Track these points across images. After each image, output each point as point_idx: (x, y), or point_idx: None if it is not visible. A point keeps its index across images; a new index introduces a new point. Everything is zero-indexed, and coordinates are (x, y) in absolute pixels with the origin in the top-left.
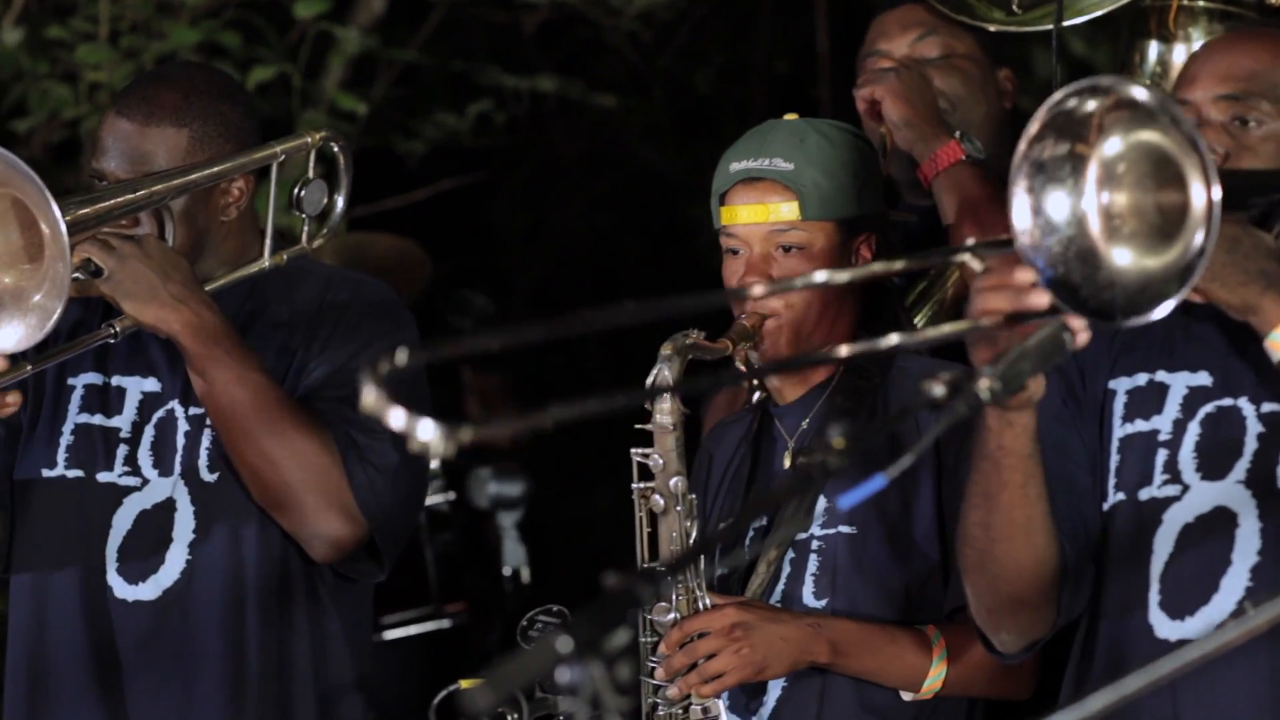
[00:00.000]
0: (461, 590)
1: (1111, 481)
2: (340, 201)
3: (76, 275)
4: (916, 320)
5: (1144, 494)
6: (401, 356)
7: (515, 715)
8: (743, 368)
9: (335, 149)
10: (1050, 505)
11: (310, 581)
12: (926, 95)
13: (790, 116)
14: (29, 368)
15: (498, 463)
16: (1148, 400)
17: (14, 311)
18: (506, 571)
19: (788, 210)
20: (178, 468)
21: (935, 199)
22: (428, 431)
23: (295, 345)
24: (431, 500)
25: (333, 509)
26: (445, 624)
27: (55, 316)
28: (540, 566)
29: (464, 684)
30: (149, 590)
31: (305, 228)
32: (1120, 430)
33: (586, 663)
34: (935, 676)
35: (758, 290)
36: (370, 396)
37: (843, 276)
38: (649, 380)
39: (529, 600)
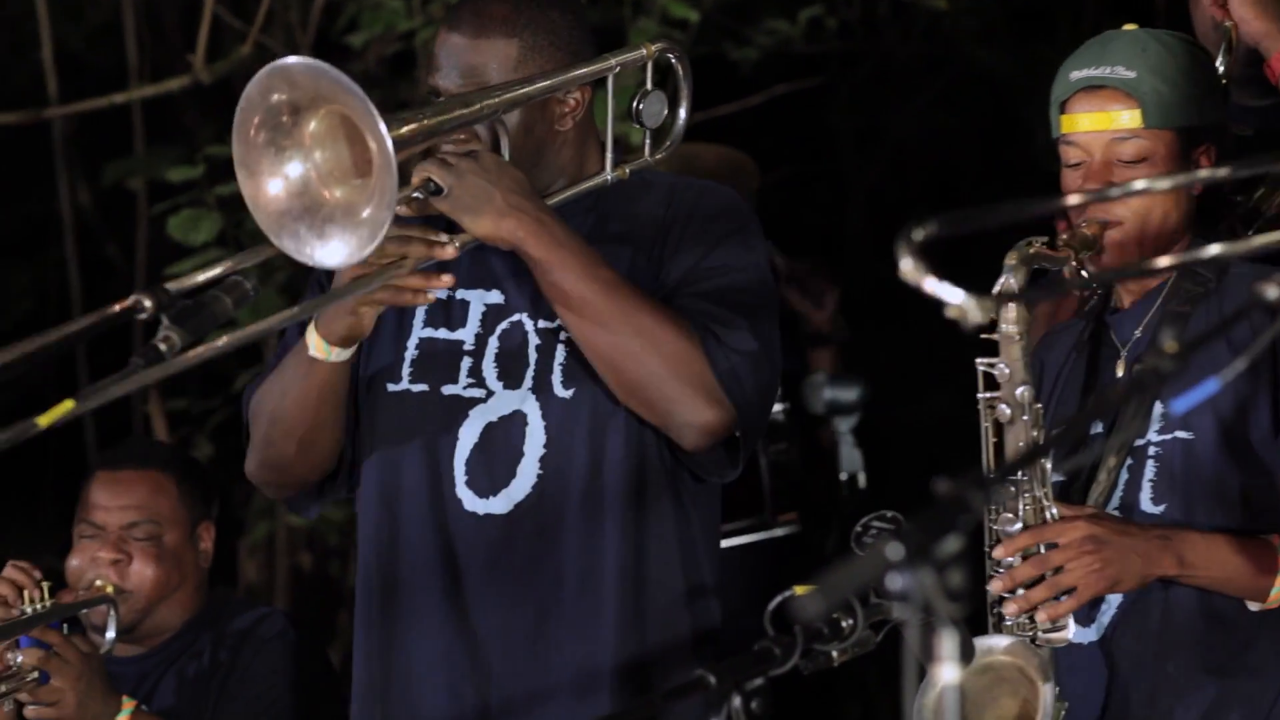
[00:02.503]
0: (795, 499)
1: None
2: (681, 114)
3: (416, 195)
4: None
5: None
6: (931, 227)
7: (850, 621)
8: (1082, 274)
9: (673, 60)
10: None
11: (673, 485)
12: None
13: (1129, 27)
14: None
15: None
16: None
17: (344, 225)
18: (843, 477)
19: (1129, 118)
20: (528, 381)
21: None
22: (957, 297)
23: (644, 255)
24: None
25: (700, 394)
26: (779, 533)
27: (384, 230)
28: (876, 472)
29: (798, 590)
30: (500, 504)
31: (646, 140)
32: None
33: (917, 569)
34: None
35: (1074, 200)
36: (907, 265)
37: (1166, 184)
38: (995, 289)
39: (865, 506)
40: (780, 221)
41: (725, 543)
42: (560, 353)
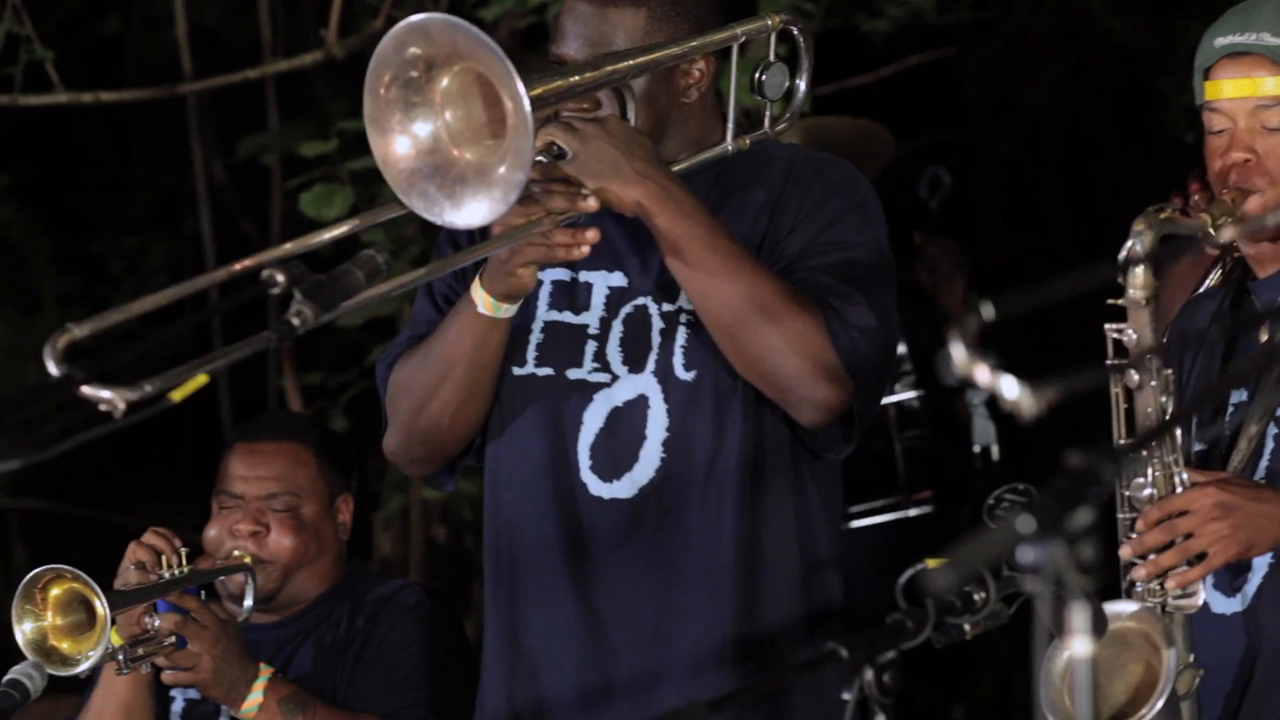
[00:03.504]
0: (930, 479)
1: None
2: (802, 86)
3: (540, 159)
4: None
5: None
6: (989, 311)
7: (982, 594)
8: (1221, 242)
9: (795, 32)
10: None
11: (791, 463)
12: None
13: None
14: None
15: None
16: None
17: (478, 186)
18: (976, 449)
19: (1273, 85)
20: (651, 365)
21: None
22: (1013, 390)
23: (764, 227)
24: (901, 396)
25: (819, 371)
26: (913, 512)
27: (518, 188)
28: (1010, 444)
29: (930, 563)
30: (624, 488)
31: (767, 111)
32: None
33: (1048, 542)
34: None
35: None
36: (960, 355)
37: None
38: (1121, 254)
39: (998, 478)
40: (913, 193)
41: (861, 523)
42: (682, 335)
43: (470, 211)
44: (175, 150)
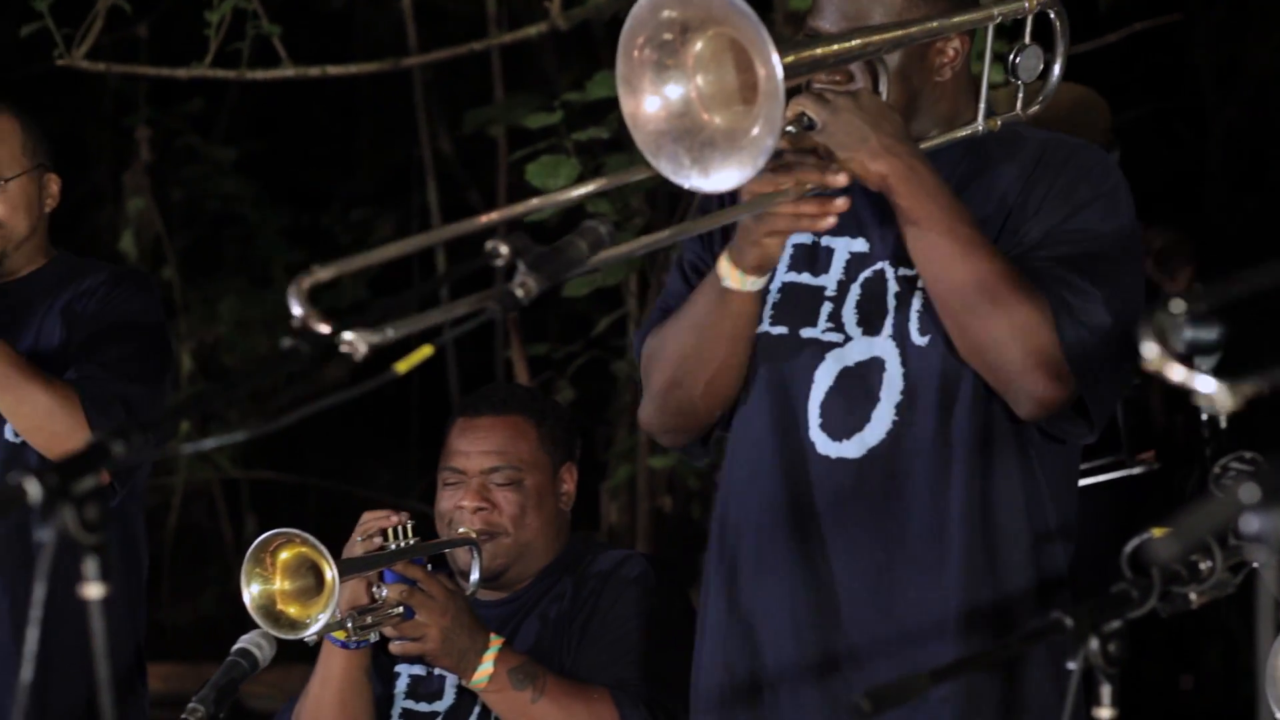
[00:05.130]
0: (1153, 438)
1: None
2: (1056, 68)
3: (789, 128)
4: None
5: None
6: (1179, 305)
7: (1208, 563)
8: None
9: (1052, 15)
10: None
11: (1019, 441)
12: None
13: None
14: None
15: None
16: None
17: (727, 151)
18: (1204, 417)
19: None
20: (887, 329)
21: None
22: (1208, 386)
23: (1009, 210)
24: None
25: (1040, 366)
26: (1136, 471)
27: (766, 155)
28: (1239, 413)
29: (1155, 532)
30: (853, 448)
31: (1020, 93)
32: None
33: (1274, 511)
34: None
35: None
36: (1151, 351)
37: None
38: None
39: (1226, 446)
40: (1138, 160)
41: (1082, 481)
42: (918, 300)
43: (717, 177)
44: (402, 123)
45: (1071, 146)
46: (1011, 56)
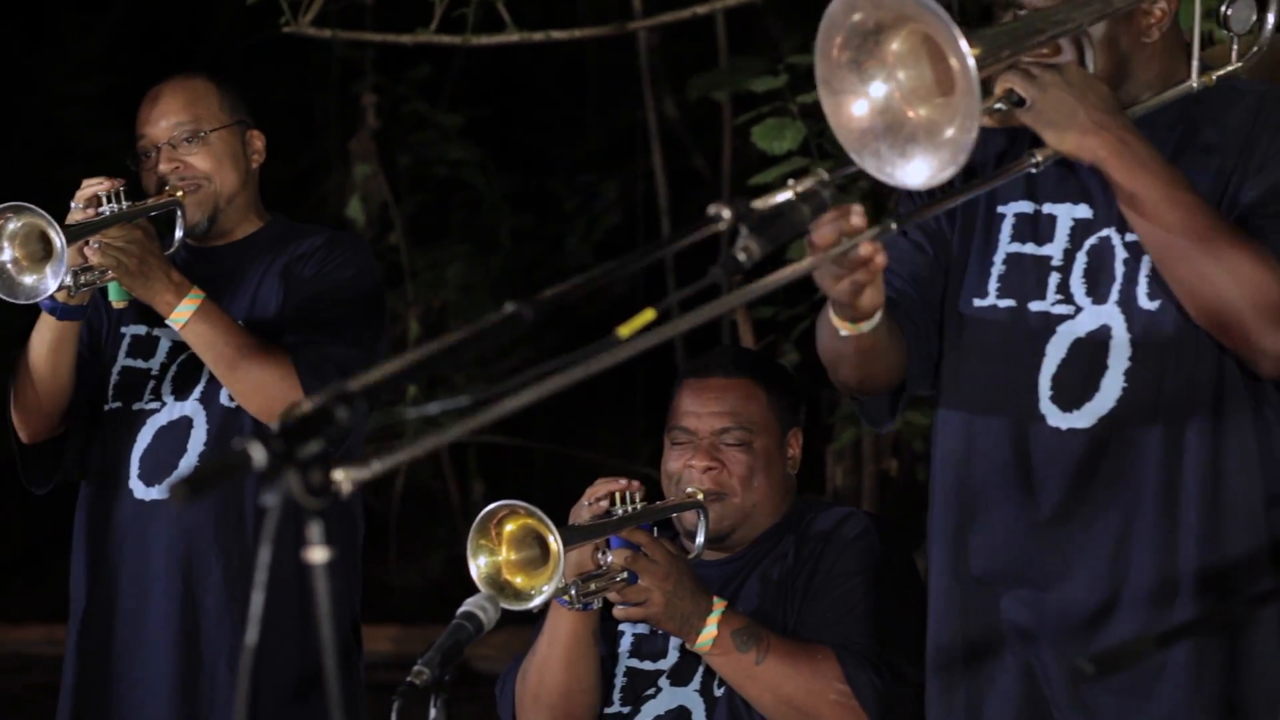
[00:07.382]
0: None
1: None
2: (1270, 19)
3: (999, 106)
4: None
5: None
6: None
7: None
8: None
9: None
10: None
11: (1254, 396)
12: None
13: None
14: (894, 226)
15: None
16: None
17: (926, 146)
18: None
19: None
20: (1115, 295)
21: None
22: None
23: (1230, 168)
24: None
25: (1276, 324)
26: None
27: (965, 151)
28: None
29: None
30: (1083, 418)
31: (1234, 46)
32: None
33: None
34: None
35: None
36: None
37: None
38: None
39: None
40: None
41: None
42: (1145, 265)
43: (919, 170)
44: (626, 88)
45: None
46: (1223, 9)
